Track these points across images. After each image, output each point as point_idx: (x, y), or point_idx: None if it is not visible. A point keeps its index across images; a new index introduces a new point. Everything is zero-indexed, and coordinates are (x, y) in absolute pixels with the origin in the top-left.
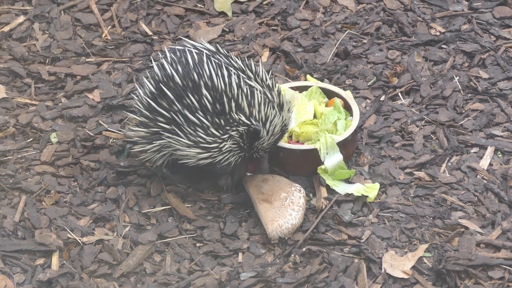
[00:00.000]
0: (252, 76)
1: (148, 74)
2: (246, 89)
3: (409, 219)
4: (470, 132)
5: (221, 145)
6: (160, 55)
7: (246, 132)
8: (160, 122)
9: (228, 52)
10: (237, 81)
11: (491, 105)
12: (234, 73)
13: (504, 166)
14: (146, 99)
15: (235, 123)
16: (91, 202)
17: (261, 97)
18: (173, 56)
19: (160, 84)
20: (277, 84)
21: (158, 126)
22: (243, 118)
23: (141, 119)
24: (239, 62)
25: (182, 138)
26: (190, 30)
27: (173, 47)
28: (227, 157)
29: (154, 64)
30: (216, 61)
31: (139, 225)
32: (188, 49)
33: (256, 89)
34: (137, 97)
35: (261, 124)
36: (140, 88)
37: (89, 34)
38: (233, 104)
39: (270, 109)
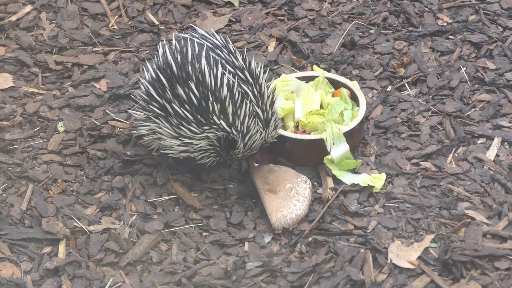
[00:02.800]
0: (250, 80)
1: (154, 59)
2: (237, 94)
3: (415, 209)
4: (477, 123)
5: (197, 143)
6: (165, 42)
7: (223, 138)
8: (153, 106)
9: (234, 48)
10: (231, 82)
11: (498, 96)
12: (230, 73)
13: (510, 157)
14: (145, 83)
15: (215, 126)
16: (97, 191)
17: (249, 107)
18: (177, 44)
19: (157, 70)
20: (274, 95)
21: (151, 110)
22: (224, 125)
23: (141, 102)
24: (241, 61)
25: (167, 127)
26: (197, 20)
27: (180, 35)
28: (202, 155)
29: (159, 49)
30: (215, 56)
31: (146, 214)
32: (191, 39)
33: (247, 97)
34: (141, 80)
35: (240, 136)
36: (146, 71)
37: (96, 23)
38: (217, 106)
39: (254, 124)
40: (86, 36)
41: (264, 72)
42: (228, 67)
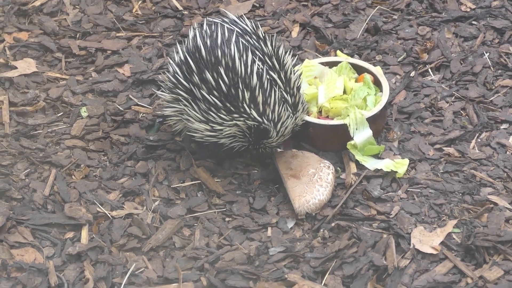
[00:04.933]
0: (277, 66)
1: (184, 42)
2: (266, 82)
3: (438, 195)
4: (499, 109)
5: (226, 129)
6: (196, 25)
7: (255, 127)
8: (180, 89)
9: (264, 34)
10: (261, 70)
11: None
12: (260, 60)
13: None
14: (173, 65)
15: (245, 115)
16: (120, 176)
17: (278, 95)
18: (207, 28)
19: (186, 53)
20: (300, 79)
21: (178, 93)
22: (255, 114)
23: (168, 84)
24: (269, 47)
25: (195, 111)
26: (221, 5)
27: (212, 19)
28: (230, 142)
29: (190, 32)
30: (245, 43)
31: (169, 200)
32: (221, 25)
33: (276, 85)
34: (170, 62)
35: (272, 124)
36: (175, 53)
37: (119, 9)
38: (247, 95)
39: (285, 110)
40: (109, 21)
41: (292, 56)
42: (258, 54)
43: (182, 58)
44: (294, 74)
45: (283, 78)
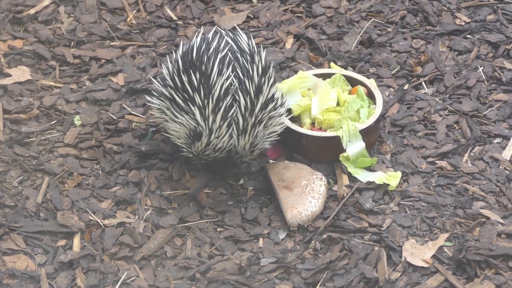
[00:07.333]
0: (252, 92)
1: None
2: (229, 98)
3: (430, 208)
4: (493, 123)
5: (178, 129)
6: (202, 32)
7: (193, 129)
8: (164, 86)
9: (259, 60)
10: (231, 87)
11: None
12: (237, 78)
13: None
14: (168, 63)
15: (191, 114)
16: (113, 185)
17: (233, 111)
18: (211, 35)
19: (184, 52)
20: (273, 120)
21: (161, 90)
22: (198, 116)
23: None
24: (255, 73)
25: (168, 110)
26: (215, 15)
27: (220, 29)
28: (180, 143)
29: (195, 37)
30: (233, 59)
31: (161, 209)
32: (224, 36)
33: (238, 106)
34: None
35: (207, 131)
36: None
37: (114, 18)
38: (204, 100)
39: (230, 127)
40: (104, 30)
41: (274, 99)
42: (239, 72)
43: (179, 57)
44: (267, 111)
45: (249, 104)
